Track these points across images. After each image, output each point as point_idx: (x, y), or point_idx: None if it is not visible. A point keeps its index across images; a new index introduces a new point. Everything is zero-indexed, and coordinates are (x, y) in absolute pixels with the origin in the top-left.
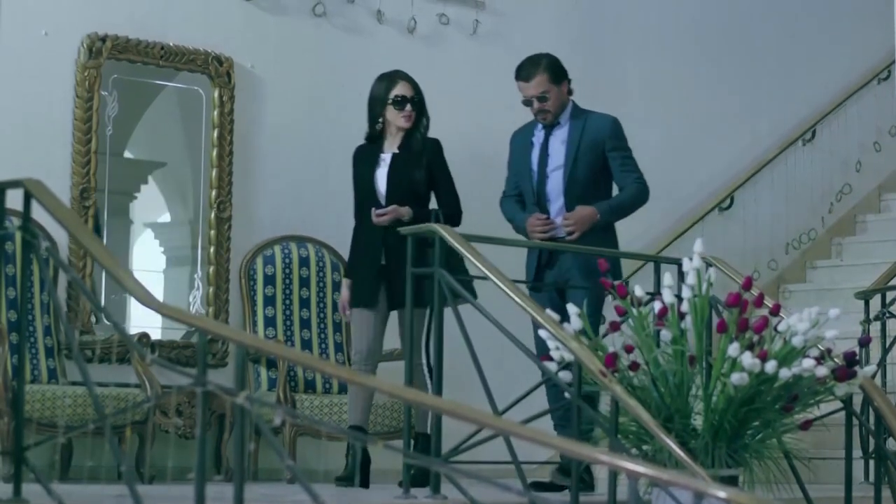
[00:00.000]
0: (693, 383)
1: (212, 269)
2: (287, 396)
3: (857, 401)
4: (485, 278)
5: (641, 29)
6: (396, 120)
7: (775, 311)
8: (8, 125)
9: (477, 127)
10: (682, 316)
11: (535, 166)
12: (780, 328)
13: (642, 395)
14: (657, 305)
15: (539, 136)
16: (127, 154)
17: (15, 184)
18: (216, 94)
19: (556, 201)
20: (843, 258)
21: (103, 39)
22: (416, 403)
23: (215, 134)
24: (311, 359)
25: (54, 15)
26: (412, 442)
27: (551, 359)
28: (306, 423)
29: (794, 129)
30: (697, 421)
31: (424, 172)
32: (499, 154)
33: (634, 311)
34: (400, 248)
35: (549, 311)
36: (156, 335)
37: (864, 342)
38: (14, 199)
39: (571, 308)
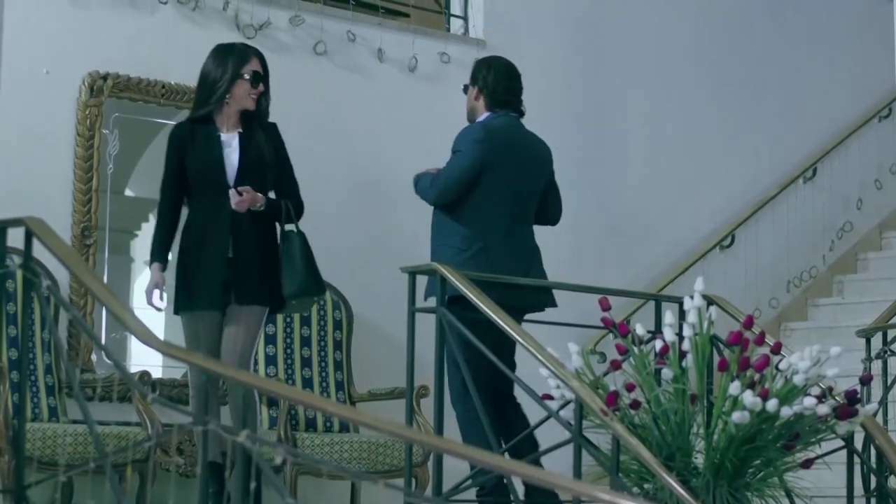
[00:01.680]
0: (694, 422)
1: None
2: (288, 435)
3: (859, 439)
4: (486, 317)
5: (642, 67)
6: (244, 99)
7: (776, 349)
8: (9, 163)
9: None
10: (683, 354)
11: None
12: (781, 366)
13: (643, 433)
14: (658, 344)
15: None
16: (128, 192)
17: (16, 222)
18: None
19: None
20: (844, 296)
21: (104, 78)
22: (417, 442)
23: None
24: (312, 397)
25: (56, 53)
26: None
27: (552, 397)
28: (307, 462)
29: (796, 167)
30: (699, 459)
31: (272, 157)
32: None
33: (636, 349)
34: (250, 238)
35: None
36: (157, 373)
37: (866, 380)
38: (15, 238)
39: (572, 347)
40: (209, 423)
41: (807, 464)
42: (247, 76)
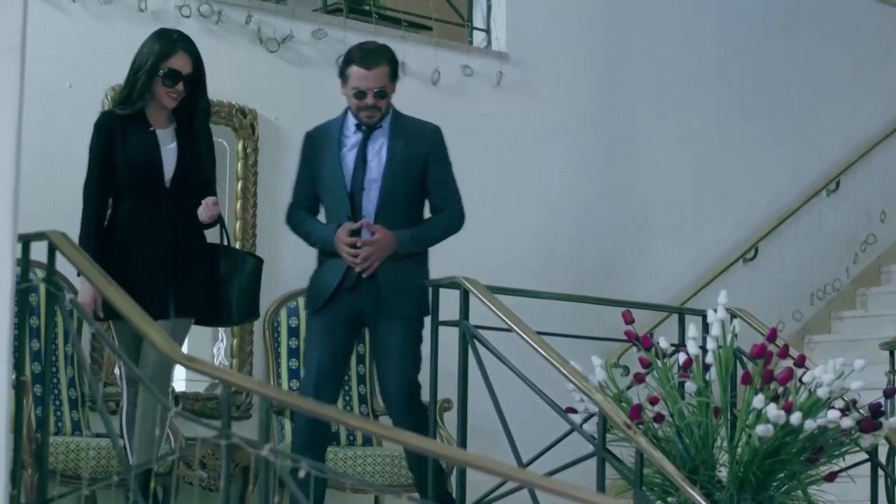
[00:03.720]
0: (718, 435)
1: None
2: None
3: (883, 452)
4: (509, 330)
5: (666, 78)
6: (163, 97)
7: (800, 362)
8: (33, 177)
9: (502, 177)
10: (706, 367)
11: (348, 175)
12: (804, 379)
13: (667, 446)
14: (682, 357)
15: (353, 139)
16: None
17: (39, 236)
18: (240, 146)
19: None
20: (868, 309)
21: None
22: (440, 455)
23: (239, 186)
24: (335, 411)
25: (79, 67)
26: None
27: (575, 410)
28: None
29: (819, 180)
30: (722, 473)
31: (210, 159)
32: (524, 204)
33: (659, 362)
34: (193, 244)
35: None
36: (180, 387)
37: (890, 393)
38: (38, 252)
39: (596, 360)
40: (232, 436)
41: (831, 477)
42: (161, 72)
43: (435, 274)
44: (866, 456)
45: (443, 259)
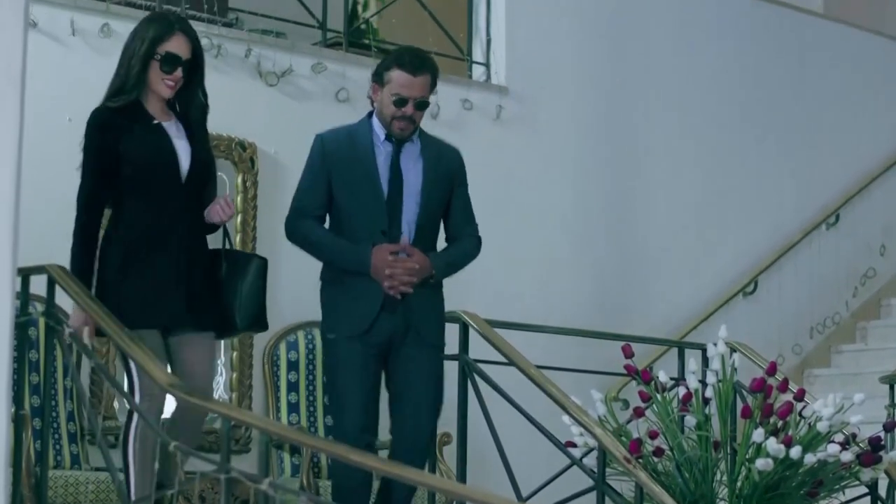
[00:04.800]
0: (718, 469)
1: (235, 354)
2: (311, 483)
3: (883, 486)
4: (509, 364)
5: (665, 113)
6: (157, 83)
7: (800, 396)
8: (33, 210)
9: (501, 211)
10: (706, 401)
11: (385, 185)
12: (804, 413)
13: (667, 480)
14: (682, 391)
15: (383, 149)
16: None
17: (38, 269)
18: (240, 179)
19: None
20: (867, 342)
21: None
22: (439, 490)
23: (239, 219)
24: (334, 446)
25: (77, 100)
26: None
27: (575, 444)
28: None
29: (818, 213)
30: None
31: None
32: (524, 237)
33: (658, 396)
34: (201, 247)
35: None
36: None
37: (890, 427)
38: (38, 285)
39: (595, 394)
40: (231, 470)
41: None
42: (158, 56)
43: None
44: (866, 490)
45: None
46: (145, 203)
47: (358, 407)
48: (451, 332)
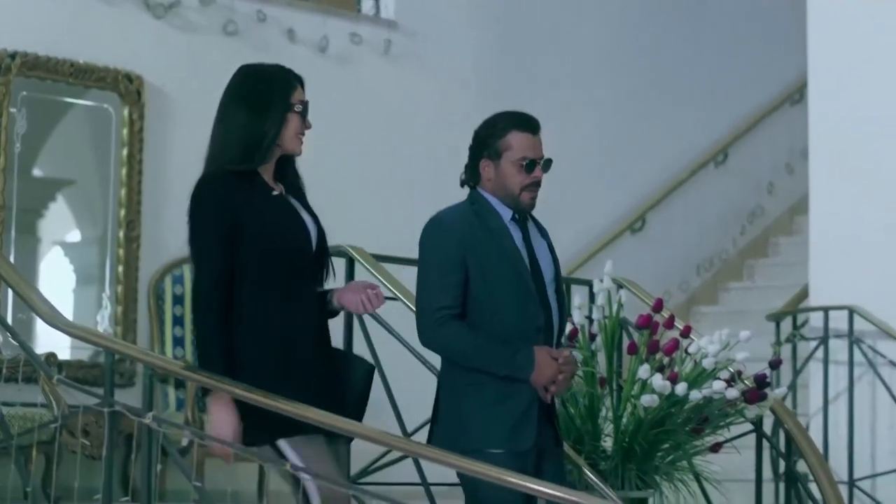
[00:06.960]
0: (603, 405)
1: (120, 288)
2: (195, 417)
3: (768, 423)
4: (395, 299)
5: (557, 51)
6: (292, 140)
7: (686, 332)
8: None
9: (391, 147)
10: (592, 337)
11: (528, 276)
12: (690, 350)
13: None
14: (568, 327)
15: (513, 230)
16: (35, 172)
17: None
18: (126, 112)
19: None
20: (754, 280)
21: (13, 56)
22: (326, 426)
23: (125, 152)
24: (218, 381)
25: None
26: None
27: None
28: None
29: (707, 152)
30: (608, 443)
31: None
32: (414, 173)
33: None
34: (327, 340)
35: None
36: (63, 355)
37: (775, 364)
38: None
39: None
40: (115, 404)
41: (716, 448)
42: (297, 109)
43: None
44: (751, 427)
45: (328, 227)
46: (279, 294)
47: None
48: (338, 266)
